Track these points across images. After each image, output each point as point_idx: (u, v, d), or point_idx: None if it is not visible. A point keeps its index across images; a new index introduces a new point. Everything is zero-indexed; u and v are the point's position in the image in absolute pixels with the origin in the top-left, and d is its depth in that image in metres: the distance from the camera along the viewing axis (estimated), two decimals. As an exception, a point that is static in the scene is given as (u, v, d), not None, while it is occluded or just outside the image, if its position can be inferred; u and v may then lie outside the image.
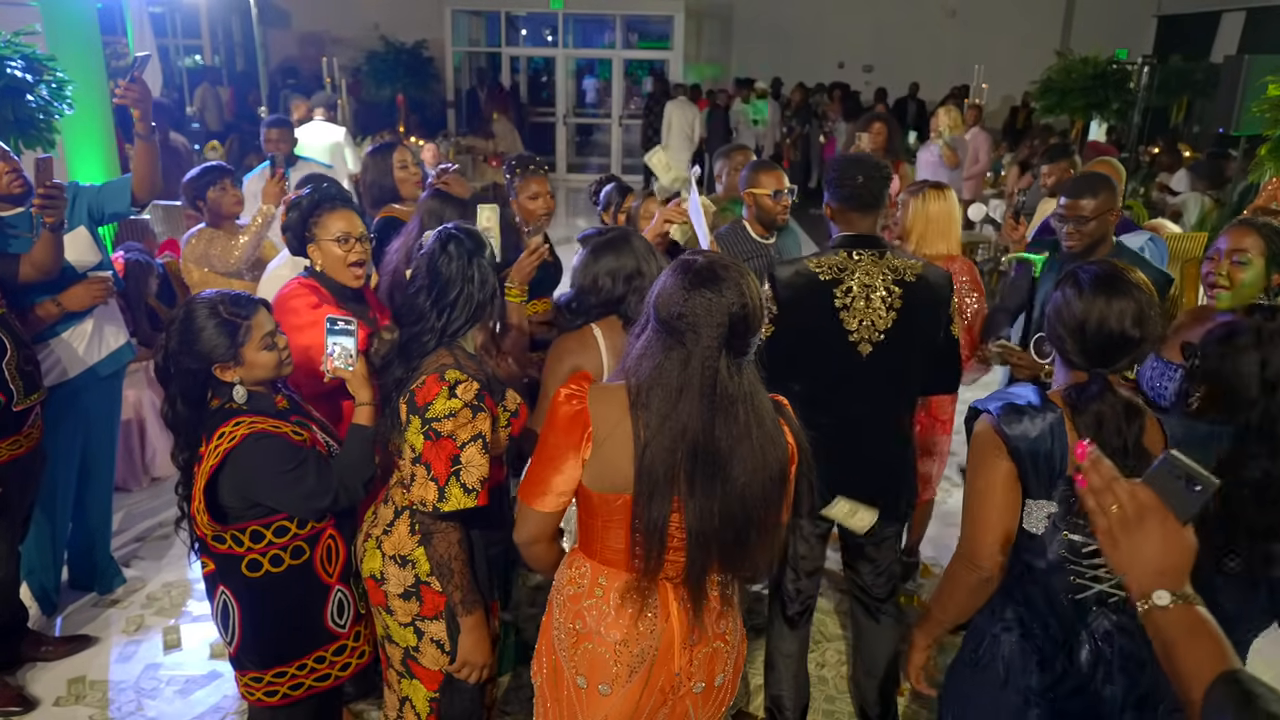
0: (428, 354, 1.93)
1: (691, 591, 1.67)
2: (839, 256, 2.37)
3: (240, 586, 2.05)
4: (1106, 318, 1.65)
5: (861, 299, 2.32)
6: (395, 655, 2.09)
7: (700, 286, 1.57)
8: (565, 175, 14.58)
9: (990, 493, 1.73)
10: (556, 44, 14.72)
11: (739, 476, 1.60)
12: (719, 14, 15.05)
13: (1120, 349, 1.67)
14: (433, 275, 1.95)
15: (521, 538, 1.78)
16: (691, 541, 1.62)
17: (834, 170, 2.46)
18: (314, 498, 1.99)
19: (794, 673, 2.72)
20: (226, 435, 1.93)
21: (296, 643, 2.11)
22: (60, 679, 3.01)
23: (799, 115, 12.33)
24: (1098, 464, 1.10)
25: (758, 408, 1.64)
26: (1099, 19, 13.84)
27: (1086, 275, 1.73)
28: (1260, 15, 11.38)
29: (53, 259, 2.82)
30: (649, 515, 1.60)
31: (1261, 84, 4.78)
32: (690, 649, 1.73)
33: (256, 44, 7.63)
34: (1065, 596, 1.73)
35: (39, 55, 3.71)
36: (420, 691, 2.09)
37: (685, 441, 1.58)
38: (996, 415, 1.72)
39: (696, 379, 1.58)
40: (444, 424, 1.84)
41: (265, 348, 2.01)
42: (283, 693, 2.11)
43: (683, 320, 1.57)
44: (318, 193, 2.49)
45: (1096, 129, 10.15)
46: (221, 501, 1.99)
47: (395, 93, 12.30)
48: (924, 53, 14.22)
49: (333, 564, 2.12)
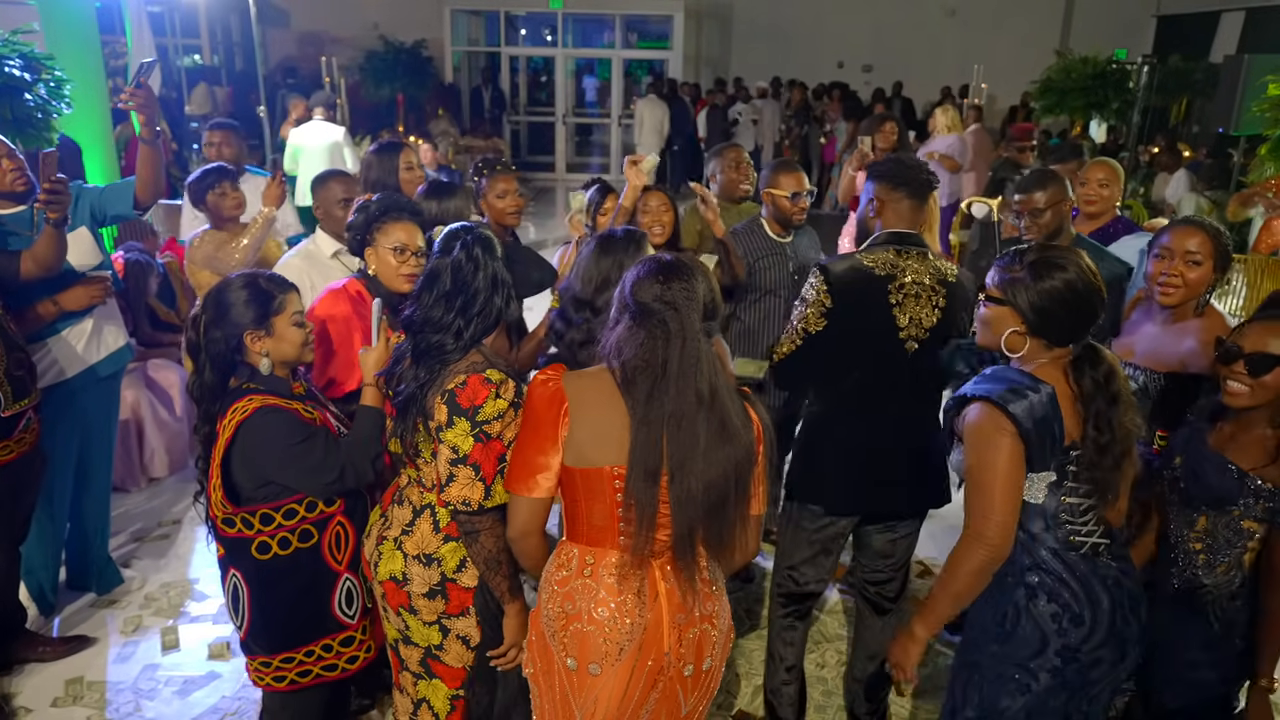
0: (450, 362, 1.91)
1: (681, 563, 1.74)
2: (889, 254, 2.35)
3: (250, 570, 2.10)
4: (1086, 279, 1.80)
5: (913, 296, 2.33)
6: (413, 657, 2.08)
7: (675, 276, 1.71)
8: (565, 175, 14.59)
9: (999, 471, 1.77)
10: (556, 44, 14.73)
11: (718, 450, 1.70)
12: (718, 14, 15.06)
13: (1102, 304, 1.83)
14: (458, 284, 1.93)
15: (515, 531, 1.81)
16: (678, 514, 1.69)
17: (893, 164, 2.46)
18: (320, 471, 2.04)
19: (796, 668, 2.71)
20: (239, 410, 2.02)
21: (304, 628, 2.14)
22: (58, 680, 3.00)
23: (798, 116, 12.33)
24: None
25: (728, 386, 1.75)
26: (1098, 19, 13.85)
27: (1041, 258, 1.84)
28: (1259, 15, 11.39)
29: (55, 255, 2.81)
30: (641, 491, 1.67)
31: (1261, 84, 4.80)
32: (679, 629, 1.77)
33: (255, 43, 7.63)
34: (1070, 551, 1.84)
35: (37, 54, 3.71)
36: (441, 691, 2.09)
37: (673, 418, 1.66)
38: (996, 397, 1.77)
39: (677, 359, 1.67)
40: (494, 425, 1.86)
41: (295, 324, 2.12)
42: (290, 678, 2.15)
43: (665, 304, 1.68)
44: (387, 200, 2.56)
45: (1096, 129, 10.16)
46: (235, 479, 2.05)
47: (395, 92, 12.29)
48: (923, 53, 14.22)
49: (341, 551, 2.16)
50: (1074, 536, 1.84)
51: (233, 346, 2.08)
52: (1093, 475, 1.81)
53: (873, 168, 2.50)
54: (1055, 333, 1.83)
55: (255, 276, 2.13)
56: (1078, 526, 1.84)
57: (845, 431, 2.43)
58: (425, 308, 1.94)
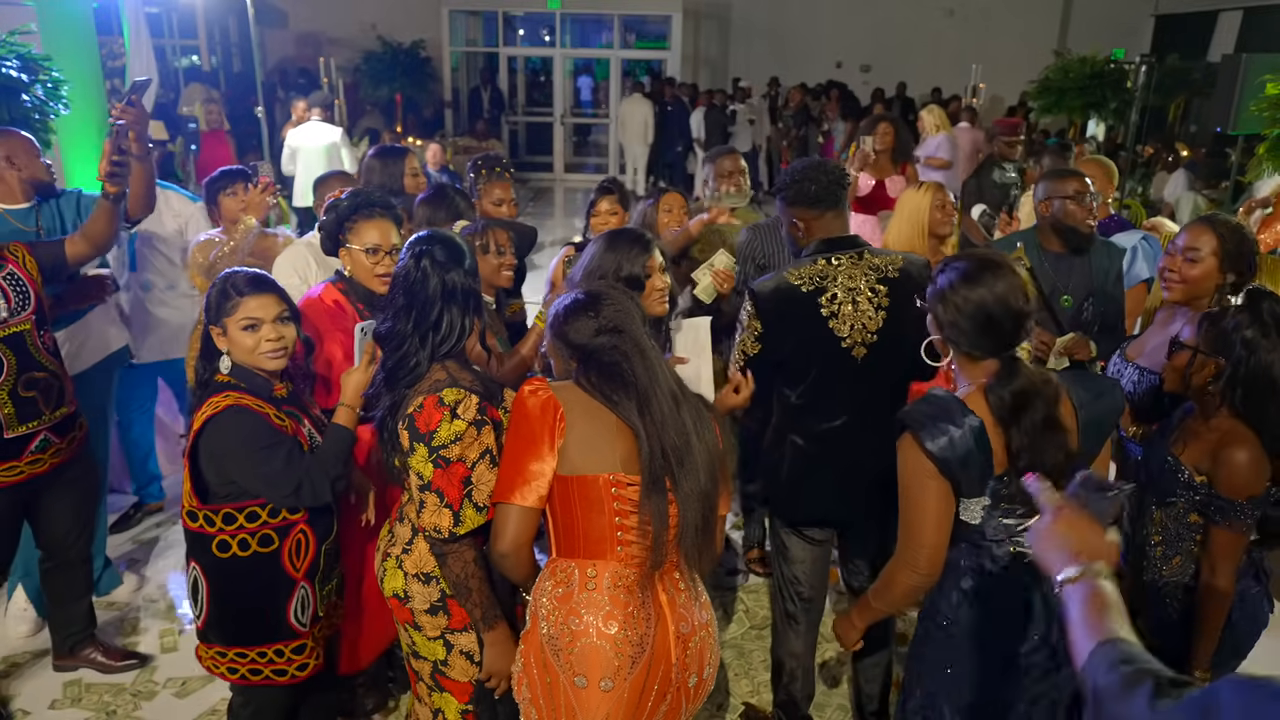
0: (414, 381, 1.86)
1: (687, 566, 1.79)
2: (818, 265, 2.29)
3: (209, 565, 2.11)
4: (1005, 297, 1.71)
5: (848, 304, 2.27)
6: (424, 670, 2.06)
7: (600, 301, 1.77)
8: (563, 175, 14.58)
9: (924, 507, 1.75)
10: (554, 44, 14.72)
11: (703, 438, 1.76)
12: (717, 14, 15.05)
13: (1021, 324, 1.74)
14: (409, 296, 1.87)
15: (505, 545, 1.74)
16: (685, 512, 1.72)
17: (791, 179, 2.38)
18: (276, 482, 2.01)
19: (803, 670, 2.71)
20: (212, 404, 2.01)
21: (258, 631, 2.15)
22: (56, 682, 2.99)
23: (795, 116, 12.33)
24: (1044, 492, 1.32)
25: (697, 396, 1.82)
26: (1096, 18, 13.86)
27: (964, 267, 1.78)
28: (1257, 14, 11.41)
29: (111, 232, 2.74)
30: (657, 503, 1.69)
31: (1259, 83, 4.79)
32: (683, 639, 1.78)
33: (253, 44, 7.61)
34: (1013, 563, 1.80)
35: (34, 55, 3.69)
36: (452, 704, 2.06)
37: (662, 423, 1.70)
38: (919, 433, 1.72)
39: (644, 374, 1.72)
40: (451, 449, 1.78)
41: (244, 328, 2.04)
42: (243, 672, 2.16)
43: (608, 333, 1.73)
44: (358, 197, 2.46)
45: (1094, 128, 10.17)
46: (202, 472, 2.05)
47: (393, 93, 12.28)
48: (922, 52, 14.23)
49: (300, 559, 2.14)
50: (1016, 548, 1.79)
51: (208, 340, 2.09)
52: (1025, 500, 1.72)
53: (779, 191, 2.43)
54: (965, 343, 1.77)
55: (234, 274, 2.09)
56: (1020, 538, 1.79)
57: (803, 444, 2.40)
58: (389, 321, 1.91)
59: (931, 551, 1.77)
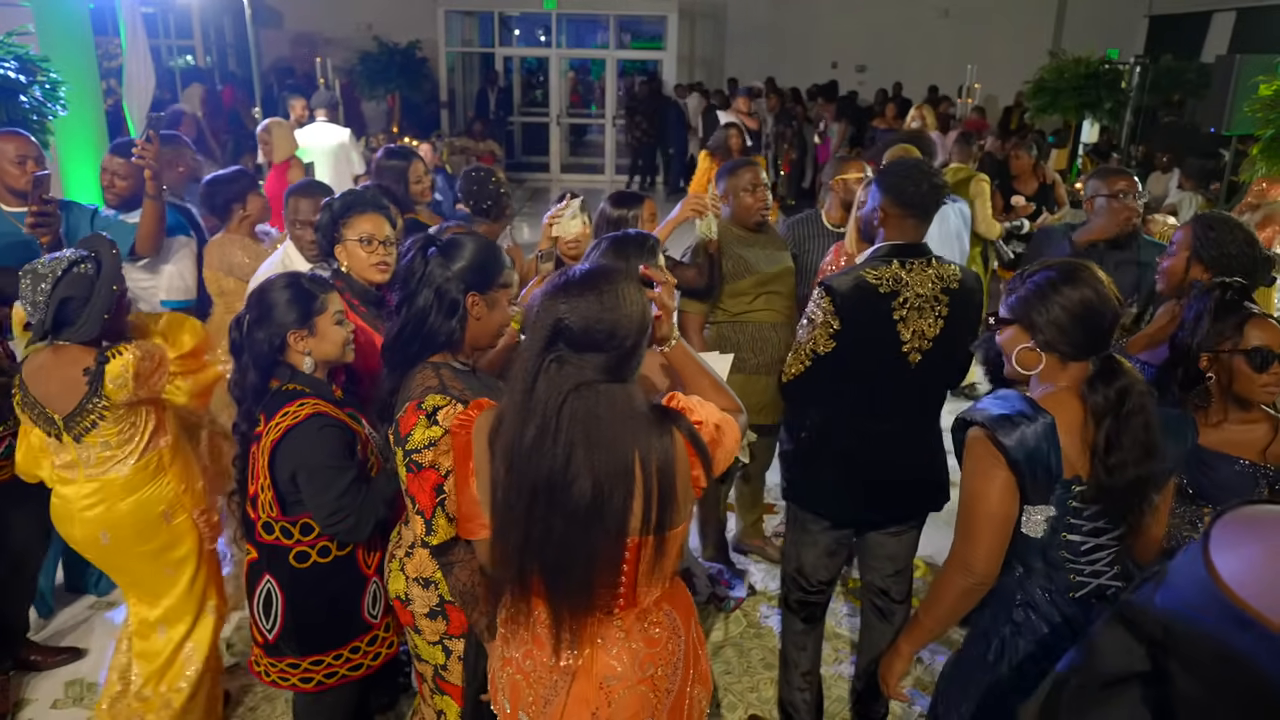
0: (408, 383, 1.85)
1: (566, 611, 1.52)
2: (893, 267, 2.28)
3: (286, 577, 2.10)
4: (1106, 295, 1.73)
5: (915, 310, 2.28)
6: (426, 672, 2.08)
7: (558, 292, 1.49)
8: (559, 175, 14.58)
9: (988, 502, 1.70)
10: (550, 44, 14.72)
11: (578, 492, 1.44)
12: (712, 14, 15.07)
13: (1116, 323, 1.77)
14: (404, 295, 1.87)
15: (485, 566, 1.68)
16: (546, 568, 1.49)
17: (898, 170, 2.35)
18: (336, 508, 2.00)
19: (810, 678, 2.72)
20: (290, 413, 2.00)
21: (337, 632, 2.16)
22: (58, 682, 3.00)
23: (783, 119, 12.32)
24: None
25: (591, 412, 1.45)
26: (1091, 19, 13.90)
27: (1058, 270, 1.78)
28: (1250, 15, 11.46)
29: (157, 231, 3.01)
30: (499, 546, 1.53)
31: (1252, 83, 4.82)
32: (607, 691, 1.57)
33: (250, 44, 7.60)
34: (1067, 594, 1.76)
35: (32, 56, 3.70)
36: (453, 707, 2.07)
37: (533, 463, 1.46)
38: (989, 426, 1.69)
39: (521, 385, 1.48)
40: (424, 455, 1.75)
41: (337, 322, 2.13)
42: (317, 680, 2.15)
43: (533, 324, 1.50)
44: (349, 195, 2.54)
45: (1089, 129, 10.20)
46: (278, 481, 2.03)
47: (389, 93, 12.27)
48: (917, 53, 14.26)
49: (372, 556, 2.18)
50: (1075, 577, 1.75)
51: (275, 346, 2.08)
52: (1103, 503, 1.70)
53: (882, 175, 2.39)
54: (1066, 346, 1.74)
55: (298, 277, 2.14)
56: (1080, 567, 1.75)
57: (847, 442, 2.42)
58: (395, 325, 1.92)
59: (988, 550, 1.71)
